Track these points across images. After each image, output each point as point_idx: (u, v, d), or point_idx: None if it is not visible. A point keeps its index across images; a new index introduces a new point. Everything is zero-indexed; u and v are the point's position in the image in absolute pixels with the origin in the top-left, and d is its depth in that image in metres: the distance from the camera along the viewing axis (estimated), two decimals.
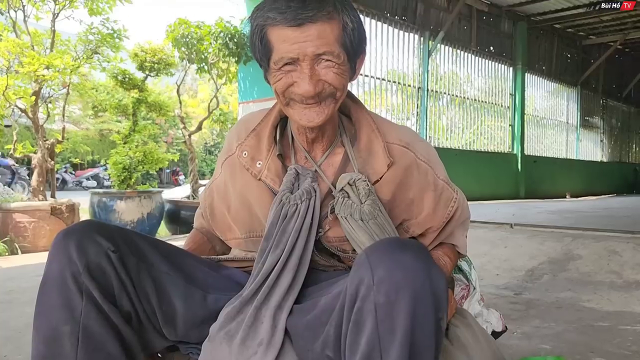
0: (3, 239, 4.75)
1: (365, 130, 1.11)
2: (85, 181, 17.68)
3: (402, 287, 0.78)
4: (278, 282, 1.00)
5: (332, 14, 0.97)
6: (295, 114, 1.03)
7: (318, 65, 0.98)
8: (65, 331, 0.89)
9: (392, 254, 0.81)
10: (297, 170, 1.08)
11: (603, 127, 14.18)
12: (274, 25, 0.97)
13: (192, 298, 1.03)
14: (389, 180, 1.09)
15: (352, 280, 0.83)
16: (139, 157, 5.92)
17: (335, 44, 0.98)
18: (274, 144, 1.12)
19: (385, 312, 0.78)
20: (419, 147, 1.14)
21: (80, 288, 0.90)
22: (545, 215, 6.30)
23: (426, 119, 9.03)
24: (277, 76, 1.00)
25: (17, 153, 5.24)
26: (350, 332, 0.82)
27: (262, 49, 1.01)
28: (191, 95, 19.39)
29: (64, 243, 0.92)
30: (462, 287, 1.42)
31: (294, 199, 1.03)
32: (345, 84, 1.03)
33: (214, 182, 1.23)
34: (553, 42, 11.80)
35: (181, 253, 1.10)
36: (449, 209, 1.15)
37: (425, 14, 8.85)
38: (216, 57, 5.93)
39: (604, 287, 3.07)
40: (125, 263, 0.95)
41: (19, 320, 2.54)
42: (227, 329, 0.98)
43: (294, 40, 0.95)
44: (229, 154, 1.18)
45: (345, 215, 1.03)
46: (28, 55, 4.85)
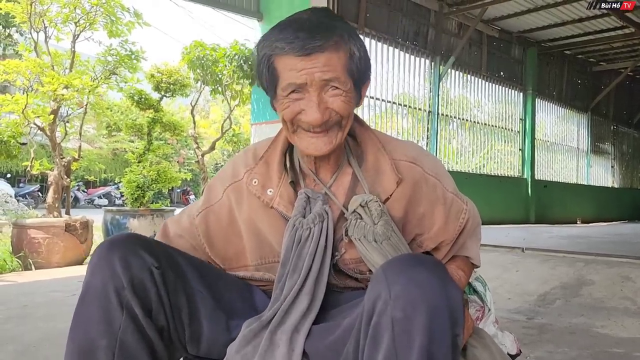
0: (17, 254, 4.80)
1: (371, 150, 1.12)
2: (97, 199, 17.83)
3: (418, 302, 0.78)
4: (294, 305, 1.00)
5: (339, 43, 0.99)
6: (301, 142, 1.04)
7: (325, 93, 0.99)
8: (102, 345, 0.89)
9: (408, 270, 0.82)
10: (308, 194, 1.08)
11: (614, 153, 14.11)
12: (281, 54, 0.98)
13: (217, 322, 1.03)
14: (399, 197, 1.09)
15: (369, 296, 0.84)
16: (152, 176, 5.99)
17: (343, 71, 0.99)
18: (284, 171, 1.12)
19: (402, 327, 0.78)
20: (425, 162, 1.14)
21: (121, 302, 0.90)
22: (557, 240, 6.26)
23: (436, 142, 9.06)
24: (284, 103, 1.01)
25: (34, 170, 5.32)
26: (367, 348, 0.82)
27: (270, 77, 1.02)
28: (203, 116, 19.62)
29: (108, 255, 0.93)
30: (476, 309, 1.43)
31: (306, 223, 1.03)
32: (351, 112, 1.04)
33: (210, 208, 1.16)
34: (563, 68, 11.86)
35: (214, 272, 1.11)
36: (460, 220, 1.15)
37: (437, 39, 8.96)
38: (230, 79, 6.04)
39: (617, 313, 3.05)
40: (165, 279, 0.96)
41: (33, 335, 2.57)
42: (244, 352, 0.98)
43: (302, 67, 0.97)
44: (234, 179, 1.15)
45: (358, 237, 1.03)
46: (48, 75, 4.97)
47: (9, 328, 2.71)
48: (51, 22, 5.19)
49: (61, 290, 3.75)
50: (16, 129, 5.17)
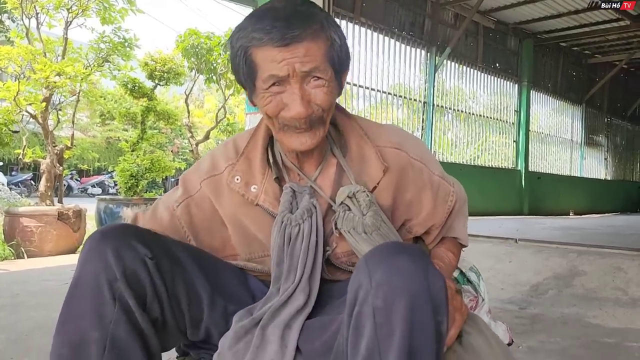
0: (10, 242, 4.78)
1: (354, 138, 1.10)
2: (90, 188, 17.76)
3: (399, 290, 0.77)
4: (288, 303, 0.99)
5: (317, 32, 0.96)
6: (288, 140, 1.01)
7: (307, 85, 0.96)
8: (93, 338, 0.87)
9: (390, 258, 0.81)
10: (293, 188, 1.06)
11: (607, 146, 14.18)
12: (259, 46, 0.94)
13: (215, 307, 1.03)
14: (386, 185, 1.07)
15: (351, 285, 0.83)
16: (146, 165, 5.96)
17: (323, 60, 0.96)
18: (268, 167, 1.09)
19: (384, 316, 0.78)
20: (410, 146, 1.12)
21: (114, 295, 0.88)
22: (550, 232, 6.30)
23: (431, 133, 9.06)
24: (265, 98, 0.98)
25: (26, 158, 5.28)
26: (350, 337, 0.82)
27: (247, 70, 0.98)
28: (197, 106, 19.52)
29: (100, 247, 0.90)
30: (470, 299, 1.43)
31: (295, 219, 1.01)
32: (333, 103, 1.02)
33: (190, 199, 1.13)
34: (559, 60, 11.86)
35: (209, 258, 1.10)
36: (448, 203, 1.14)
37: (433, 29, 8.93)
38: (225, 68, 6.00)
39: (609, 303, 3.07)
40: (160, 268, 0.94)
41: (25, 324, 2.56)
42: (235, 349, 0.96)
43: (281, 58, 0.93)
44: (213, 172, 1.12)
45: (348, 229, 1.01)
46: (40, 62, 4.91)
47: (1, 317, 2.70)
48: (43, 9, 5.13)
49: (54, 279, 3.73)
50: (8, 116, 5.12)
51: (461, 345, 1.03)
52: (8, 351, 2.16)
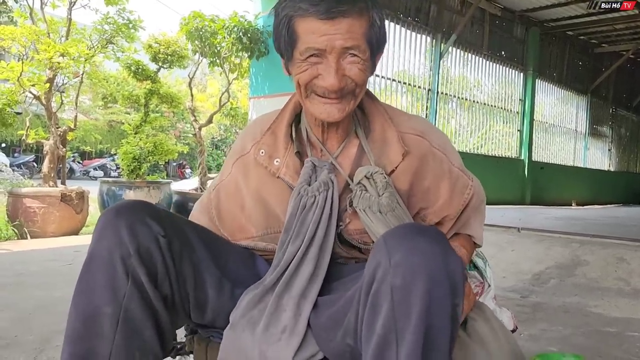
0: (13, 223, 4.79)
1: (379, 121, 1.12)
2: (92, 171, 17.79)
3: (418, 270, 0.78)
4: (299, 271, 1.00)
5: (363, 10, 0.97)
6: (314, 107, 1.03)
7: (343, 60, 0.98)
8: (107, 312, 0.88)
9: (409, 239, 0.81)
10: (314, 162, 1.08)
11: (612, 136, 14.11)
12: (304, 16, 0.96)
13: (222, 290, 1.03)
14: (405, 170, 1.09)
15: (369, 264, 0.83)
16: (149, 148, 5.94)
17: (362, 39, 0.98)
18: (290, 141, 1.12)
19: (402, 295, 0.78)
20: (433, 136, 1.14)
21: (127, 270, 0.89)
22: (552, 221, 6.29)
23: (435, 121, 9.01)
24: (301, 67, 1.00)
25: (29, 139, 5.28)
26: (367, 315, 0.82)
27: (288, 39, 1.00)
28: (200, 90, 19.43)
29: (115, 222, 0.91)
30: (476, 285, 1.43)
31: (311, 191, 1.03)
32: (366, 81, 1.04)
33: (222, 183, 1.21)
34: (565, 48, 11.76)
35: (219, 240, 1.11)
36: (465, 196, 1.15)
37: (438, 16, 8.83)
38: (229, 52, 5.93)
39: (611, 293, 3.07)
40: (171, 247, 0.95)
41: (28, 303, 2.57)
42: (249, 316, 0.98)
43: (324, 32, 0.95)
44: (241, 153, 1.18)
45: (363, 208, 1.02)
46: (44, 43, 4.88)
47: (4, 295, 2.72)
48: None
49: (56, 259, 3.75)
50: (11, 97, 5.11)
51: (466, 332, 1.03)
52: (11, 329, 2.18)
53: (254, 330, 0.96)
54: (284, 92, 5.91)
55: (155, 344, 0.93)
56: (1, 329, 2.18)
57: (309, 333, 0.97)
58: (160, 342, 0.94)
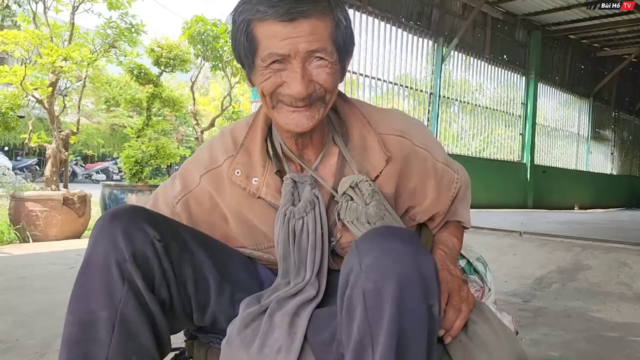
0: (15, 226, 4.80)
1: (356, 125, 1.06)
2: (94, 174, 17.81)
3: (389, 272, 0.77)
4: (297, 295, 0.99)
5: (326, 9, 0.91)
6: (281, 118, 0.96)
7: (309, 65, 0.92)
8: (103, 317, 0.87)
9: (380, 242, 0.80)
10: (294, 179, 1.03)
11: (614, 140, 14.10)
12: (262, 19, 0.90)
13: (223, 294, 1.03)
14: (389, 174, 1.05)
15: (343, 269, 0.83)
16: (151, 152, 5.96)
17: (329, 41, 0.92)
18: (268, 158, 1.05)
19: (373, 299, 0.77)
20: (413, 133, 1.09)
21: (122, 275, 0.88)
22: (554, 225, 6.28)
23: (437, 125, 9.02)
24: (264, 75, 0.93)
25: (32, 142, 5.29)
26: (344, 321, 0.82)
27: (248, 46, 0.94)
28: (202, 93, 19.48)
29: (110, 227, 0.90)
30: (476, 289, 1.43)
31: (298, 212, 0.99)
32: (336, 86, 0.97)
33: (190, 194, 1.11)
34: (567, 52, 11.76)
35: (218, 244, 1.09)
36: (452, 190, 1.14)
37: (440, 20, 8.85)
38: (231, 56, 5.96)
39: (613, 298, 3.06)
40: (168, 251, 0.94)
41: (30, 306, 2.57)
42: (244, 335, 0.97)
43: (285, 35, 0.89)
44: (212, 165, 1.09)
45: (351, 219, 1.00)
46: (47, 47, 4.90)
47: (7, 299, 2.72)
48: None
49: (59, 262, 3.75)
50: (14, 100, 5.12)
51: (467, 335, 1.03)
52: (14, 333, 2.18)
53: (248, 350, 0.95)
54: None
55: (152, 349, 0.92)
56: (3, 332, 2.18)
57: (308, 350, 0.95)
58: (157, 347, 0.94)
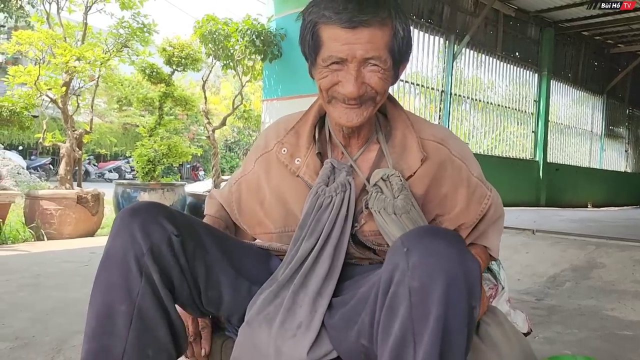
0: (30, 225, 4.86)
1: (400, 127, 1.13)
2: (107, 173, 17.98)
3: (436, 272, 0.78)
4: (314, 269, 1.01)
5: (386, 20, 0.99)
6: (335, 112, 1.05)
7: (364, 68, 1.00)
8: (121, 310, 0.90)
9: (426, 241, 0.82)
10: (333, 164, 1.10)
11: (628, 137, 13.92)
12: (327, 23, 0.99)
13: (239, 289, 1.05)
14: (422, 175, 1.10)
15: (386, 266, 0.84)
16: (163, 150, 5.99)
17: (384, 49, 1.00)
18: (313, 142, 1.14)
19: (419, 297, 0.79)
20: (453, 144, 1.15)
21: (140, 269, 0.91)
22: (567, 223, 6.22)
23: (448, 123, 8.97)
24: (323, 73, 1.02)
25: (46, 142, 5.35)
26: (383, 317, 0.83)
27: (312, 44, 1.03)
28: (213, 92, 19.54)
29: (129, 222, 0.93)
30: (490, 287, 1.42)
31: (329, 191, 1.05)
32: (386, 89, 1.06)
33: (244, 177, 1.24)
34: (580, 49, 11.63)
35: (232, 241, 1.12)
36: (482, 205, 1.15)
37: (452, 17, 8.80)
38: (242, 54, 5.97)
39: (628, 296, 3.03)
40: (184, 247, 0.97)
41: (45, 303, 2.61)
42: (266, 312, 1.00)
43: (345, 41, 0.97)
44: (265, 150, 1.21)
45: (378, 209, 1.04)
46: (60, 47, 4.95)
47: (22, 296, 2.76)
48: None
49: (73, 260, 3.79)
50: (29, 100, 5.19)
51: (479, 336, 1.03)
52: (29, 330, 2.21)
53: (271, 326, 0.98)
54: (297, 94, 5.92)
55: (169, 343, 0.95)
56: (19, 329, 2.21)
57: (323, 332, 0.98)
58: (174, 341, 0.96)
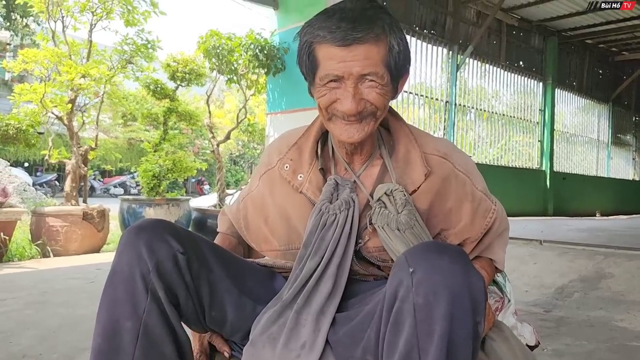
0: (36, 242, 4.87)
1: (403, 141, 1.12)
2: (112, 188, 18.02)
3: (440, 288, 0.78)
4: (318, 288, 1.01)
5: (380, 36, 0.99)
6: (336, 129, 1.05)
7: (362, 85, 1.00)
8: (127, 326, 0.90)
9: (430, 257, 0.82)
10: (337, 180, 1.10)
11: (636, 145, 13.85)
12: (322, 42, 1.00)
13: (243, 308, 1.05)
14: (426, 190, 1.09)
15: (391, 282, 0.84)
16: (168, 165, 6.01)
17: (380, 65, 1.00)
18: (315, 158, 1.14)
19: (424, 314, 0.79)
20: (457, 158, 1.14)
21: (146, 286, 0.92)
22: (575, 233, 6.17)
23: (453, 133, 8.97)
24: (321, 91, 1.03)
25: (52, 159, 5.38)
26: (388, 333, 0.83)
27: (309, 64, 1.04)
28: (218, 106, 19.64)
29: (135, 239, 0.94)
30: (496, 300, 1.41)
31: (332, 209, 1.05)
32: (386, 104, 1.05)
33: (249, 195, 1.24)
34: (584, 57, 11.63)
35: (236, 260, 1.12)
36: (487, 219, 1.14)
37: (455, 28, 8.83)
38: (246, 69, 6.00)
39: (637, 306, 2.99)
40: (190, 265, 0.97)
41: (53, 321, 2.61)
42: (270, 332, 0.99)
43: (341, 59, 0.98)
44: (268, 167, 1.20)
45: (382, 224, 1.03)
46: (65, 64, 5.00)
47: (30, 314, 2.76)
48: (68, 12, 5.22)
49: (79, 277, 3.80)
50: (34, 117, 5.22)
51: (484, 352, 1.02)
52: (37, 347, 2.20)
53: (275, 346, 0.97)
54: (301, 107, 5.94)
55: (175, 359, 0.94)
56: (27, 347, 2.21)
57: (328, 349, 0.97)
58: (180, 358, 0.96)
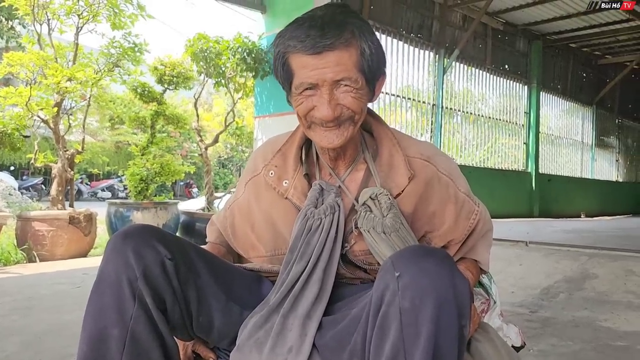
0: (22, 246, 4.82)
1: (386, 145, 1.14)
2: (100, 192, 17.87)
3: (426, 293, 0.79)
4: (304, 292, 1.01)
5: (350, 40, 1.00)
6: (316, 136, 1.07)
7: (337, 90, 1.01)
8: (114, 334, 0.90)
9: (416, 261, 0.83)
10: (322, 185, 1.11)
11: (618, 147, 14.06)
12: (294, 52, 1.01)
13: (230, 314, 1.05)
14: (410, 193, 1.10)
15: (377, 286, 0.85)
16: (156, 169, 5.98)
17: (353, 69, 1.01)
18: (300, 164, 1.15)
19: (410, 317, 0.79)
20: (439, 161, 1.16)
21: (133, 293, 0.91)
22: (560, 234, 6.25)
23: (440, 136, 9.04)
24: (298, 100, 1.05)
25: (38, 162, 5.32)
26: (375, 337, 0.83)
27: (284, 74, 1.05)
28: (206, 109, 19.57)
29: (122, 246, 0.93)
30: (482, 302, 1.43)
31: (318, 214, 1.05)
32: (363, 107, 1.06)
33: (236, 202, 1.25)
34: (568, 61, 11.79)
35: (224, 266, 1.12)
36: (470, 221, 1.16)
37: (441, 31, 8.91)
38: (234, 72, 6.01)
39: (621, 306, 3.04)
40: (177, 271, 0.97)
41: (38, 326, 2.58)
42: (256, 337, 0.99)
43: (313, 67, 0.99)
44: (253, 174, 1.21)
45: (367, 228, 1.04)
46: (51, 68, 4.96)
47: (14, 319, 2.73)
48: (54, 14, 5.17)
49: (65, 282, 3.76)
50: (20, 121, 5.17)
51: (469, 353, 1.04)
52: (22, 354, 2.18)
53: (261, 351, 0.97)
54: (289, 110, 5.91)
55: None
56: (11, 353, 2.19)
57: (315, 353, 0.98)
58: None
